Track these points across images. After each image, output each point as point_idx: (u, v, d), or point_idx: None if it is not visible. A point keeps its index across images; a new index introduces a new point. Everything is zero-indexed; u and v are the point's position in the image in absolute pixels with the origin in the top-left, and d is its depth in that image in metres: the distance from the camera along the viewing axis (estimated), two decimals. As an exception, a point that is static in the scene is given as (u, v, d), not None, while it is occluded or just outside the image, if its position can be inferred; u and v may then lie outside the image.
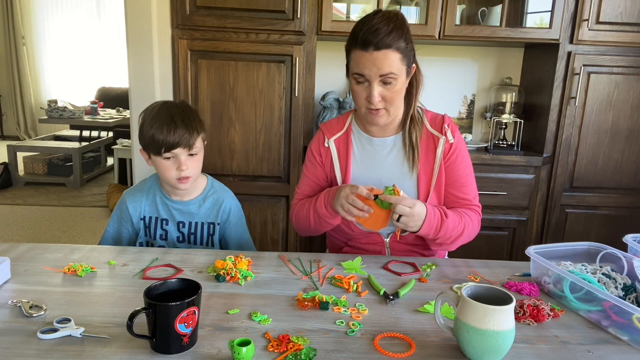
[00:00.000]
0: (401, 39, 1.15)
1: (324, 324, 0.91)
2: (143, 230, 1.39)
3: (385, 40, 1.13)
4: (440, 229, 1.20)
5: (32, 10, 6.93)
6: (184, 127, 1.27)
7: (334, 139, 1.34)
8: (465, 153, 1.32)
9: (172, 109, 1.30)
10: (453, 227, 1.23)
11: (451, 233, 1.23)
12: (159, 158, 1.29)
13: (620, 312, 0.89)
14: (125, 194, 1.42)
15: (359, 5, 2.38)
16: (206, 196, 1.41)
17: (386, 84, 1.18)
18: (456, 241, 1.28)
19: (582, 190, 2.29)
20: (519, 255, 2.25)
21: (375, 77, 1.16)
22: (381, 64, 1.14)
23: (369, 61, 1.15)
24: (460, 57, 2.51)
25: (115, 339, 0.83)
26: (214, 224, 1.40)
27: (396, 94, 1.20)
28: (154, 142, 1.27)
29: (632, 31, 2.12)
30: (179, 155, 1.28)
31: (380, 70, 1.15)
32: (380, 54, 1.14)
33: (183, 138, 1.26)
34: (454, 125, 1.32)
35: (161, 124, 1.26)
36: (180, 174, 1.29)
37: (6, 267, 1.04)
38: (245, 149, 2.21)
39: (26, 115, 7.25)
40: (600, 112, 2.22)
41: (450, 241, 1.26)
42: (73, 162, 4.72)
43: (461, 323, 0.80)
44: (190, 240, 1.40)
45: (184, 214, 1.38)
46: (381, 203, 1.14)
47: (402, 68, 1.17)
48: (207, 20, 2.09)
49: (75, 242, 3.35)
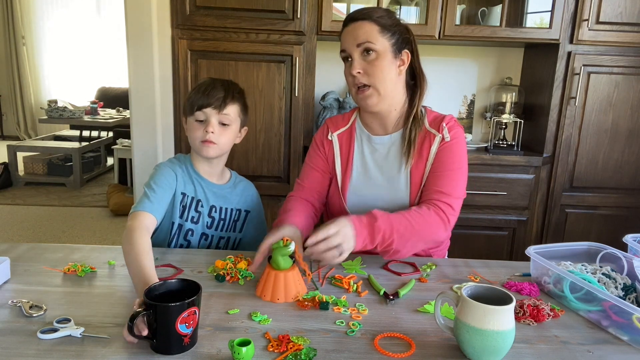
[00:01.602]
0: (382, 16, 1.21)
1: (324, 324, 0.91)
2: (179, 208, 1.32)
3: (362, 12, 1.21)
4: (374, 238, 1.10)
5: (32, 10, 6.92)
6: (221, 89, 1.28)
7: (337, 134, 1.36)
8: (457, 149, 1.26)
9: (219, 79, 1.33)
10: (391, 231, 1.11)
11: (395, 234, 1.11)
12: (191, 119, 1.29)
13: (620, 312, 0.89)
14: (162, 164, 1.33)
15: (359, 5, 2.36)
16: (235, 182, 1.43)
17: (367, 57, 1.20)
18: (410, 242, 1.14)
19: (582, 190, 2.29)
20: (519, 255, 2.25)
21: (352, 47, 1.21)
22: (357, 33, 1.20)
23: (347, 34, 1.22)
24: (460, 57, 2.51)
25: (115, 339, 0.83)
26: (241, 211, 1.41)
27: (379, 70, 1.20)
28: (190, 102, 1.30)
29: (632, 31, 2.12)
30: (210, 116, 1.27)
31: (357, 40, 1.20)
32: (357, 25, 1.20)
33: (216, 99, 1.26)
34: (454, 124, 1.29)
35: (201, 86, 1.30)
36: (206, 135, 1.26)
37: (6, 267, 1.04)
38: (245, 149, 2.21)
39: (26, 115, 7.25)
40: (600, 112, 2.22)
41: (402, 243, 1.13)
42: (73, 162, 4.72)
43: (461, 323, 0.80)
44: (219, 226, 1.38)
45: (218, 198, 1.37)
46: (280, 260, 1.00)
47: (383, 42, 1.20)
48: (207, 20, 2.09)
49: (75, 242, 3.35)
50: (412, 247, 1.17)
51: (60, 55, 7.10)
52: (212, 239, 1.38)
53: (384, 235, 1.11)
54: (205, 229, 1.36)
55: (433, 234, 1.19)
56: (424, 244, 1.21)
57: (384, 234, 1.10)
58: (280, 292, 0.98)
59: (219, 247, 1.40)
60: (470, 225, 2.22)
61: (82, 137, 5.23)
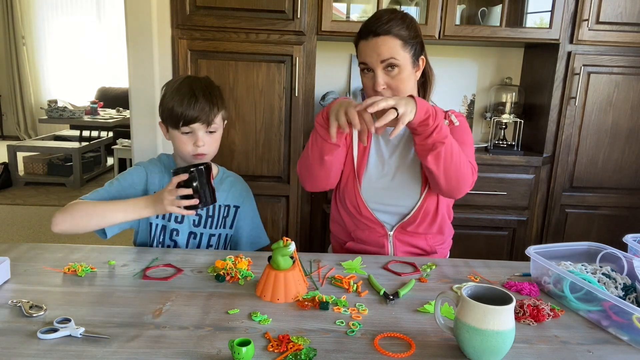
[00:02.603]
0: (402, 27, 1.20)
1: (324, 324, 0.91)
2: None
3: (383, 27, 1.19)
4: (437, 116, 1.12)
5: (32, 10, 6.93)
6: (205, 101, 1.25)
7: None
8: (465, 130, 1.32)
9: (195, 83, 1.29)
10: (447, 135, 1.14)
11: (448, 133, 1.14)
12: (176, 132, 1.27)
13: (620, 312, 0.89)
14: (138, 164, 1.36)
15: (359, 5, 2.38)
16: (222, 178, 1.41)
17: (390, 72, 1.21)
18: (453, 160, 1.16)
19: (582, 190, 2.29)
20: (519, 255, 2.25)
21: (376, 63, 1.21)
22: (380, 50, 1.19)
23: (369, 48, 1.21)
24: (460, 57, 2.51)
25: (115, 339, 0.83)
26: (230, 207, 1.40)
27: (402, 83, 1.22)
28: (172, 114, 1.25)
29: (632, 31, 2.12)
30: (197, 130, 1.26)
31: (381, 56, 1.20)
32: (379, 40, 1.19)
33: (203, 113, 1.24)
34: (459, 114, 1.34)
35: (182, 97, 1.24)
36: (197, 149, 1.27)
37: (6, 267, 1.04)
38: (245, 149, 2.21)
39: (26, 115, 7.25)
40: (600, 112, 2.22)
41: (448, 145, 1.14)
42: (73, 162, 4.72)
43: (461, 323, 0.80)
44: (207, 224, 1.37)
45: None
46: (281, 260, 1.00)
47: (405, 56, 1.20)
48: (207, 20, 2.09)
49: (75, 242, 3.35)
50: (451, 162, 1.16)
51: (60, 55, 7.11)
52: (202, 237, 1.37)
53: (441, 126, 1.13)
54: (192, 227, 1.35)
55: (465, 168, 1.20)
56: (456, 172, 1.19)
57: (442, 126, 1.13)
58: (280, 292, 0.98)
59: (210, 244, 1.39)
60: (470, 225, 2.22)
61: (82, 137, 5.23)
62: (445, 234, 1.39)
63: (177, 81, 1.31)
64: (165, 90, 1.31)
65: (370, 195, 1.33)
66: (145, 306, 0.95)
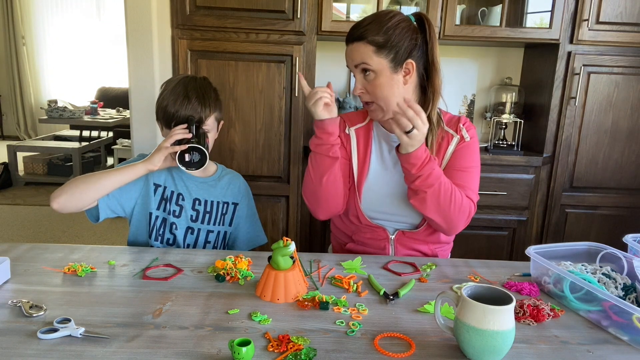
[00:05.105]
0: (377, 33, 1.18)
1: (324, 324, 0.91)
2: (158, 201, 1.33)
3: (356, 33, 1.20)
4: (424, 165, 1.16)
5: (32, 10, 6.93)
6: (198, 102, 1.27)
7: (354, 128, 1.34)
8: (474, 149, 1.31)
9: (190, 84, 1.30)
10: (438, 177, 1.18)
11: (435, 182, 1.17)
12: (169, 131, 1.29)
13: (620, 312, 0.89)
14: (140, 154, 1.36)
15: (359, 5, 2.38)
16: (221, 175, 1.42)
17: (367, 76, 1.22)
18: (440, 204, 1.19)
19: (582, 190, 2.29)
20: (519, 255, 2.25)
21: (351, 67, 1.24)
22: (353, 55, 1.22)
23: (346, 53, 1.24)
24: (460, 57, 2.51)
25: (115, 339, 0.83)
26: (228, 204, 1.40)
27: (377, 88, 1.21)
28: (165, 114, 1.28)
29: (632, 31, 2.12)
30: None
31: (354, 61, 1.22)
32: (353, 46, 1.21)
33: (194, 113, 1.26)
34: (470, 125, 1.32)
35: (175, 97, 1.27)
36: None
37: (6, 267, 1.04)
38: (245, 149, 2.21)
39: (26, 115, 7.26)
40: (600, 112, 2.22)
41: (432, 193, 1.17)
42: (73, 162, 4.72)
43: (461, 323, 0.80)
44: (204, 219, 1.37)
45: (201, 190, 1.36)
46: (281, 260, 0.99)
47: (380, 61, 1.18)
48: (207, 20, 2.09)
49: (75, 242, 3.36)
50: (437, 206, 1.20)
51: (60, 55, 7.11)
52: (199, 232, 1.37)
53: (428, 175, 1.16)
54: (189, 222, 1.36)
55: (456, 210, 1.22)
56: (445, 215, 1.22)
57: (431, 174, 1.17)
58: (280, 292, 0.98)
59: (208, 241, 1.38)
60: (470, 225, 2.16)
61: (82, 137, 5.23)
62: (448, 238, 1.39)
63: (174, 81, 1.33)
64: (163, 88, 1.32)
65: (371, 205, 1.31)
66: (145, 306, 0.95)
